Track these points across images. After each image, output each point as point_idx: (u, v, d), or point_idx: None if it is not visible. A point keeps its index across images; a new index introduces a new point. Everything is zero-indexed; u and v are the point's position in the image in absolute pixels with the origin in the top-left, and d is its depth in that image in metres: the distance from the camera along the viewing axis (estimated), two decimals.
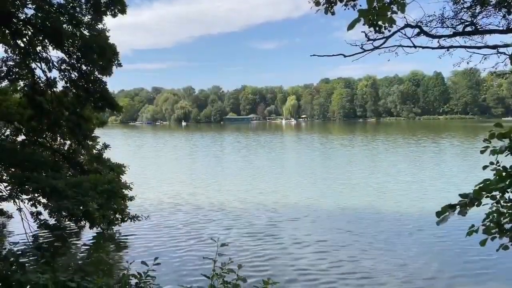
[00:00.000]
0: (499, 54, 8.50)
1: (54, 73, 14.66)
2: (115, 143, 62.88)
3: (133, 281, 4.77)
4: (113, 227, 17.14)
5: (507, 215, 4.33)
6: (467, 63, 8.97)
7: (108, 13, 13.74)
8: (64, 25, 13.22)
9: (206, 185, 30.65)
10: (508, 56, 8.03)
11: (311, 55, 9.09)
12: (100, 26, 13.95)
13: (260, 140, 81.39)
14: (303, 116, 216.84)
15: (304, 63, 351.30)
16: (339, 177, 32.66)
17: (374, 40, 7.83)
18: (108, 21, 14.21)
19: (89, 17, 13.78)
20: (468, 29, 8.53)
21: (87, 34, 13.75)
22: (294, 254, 15.27)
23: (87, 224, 15.54)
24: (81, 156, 17.90)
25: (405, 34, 8.14)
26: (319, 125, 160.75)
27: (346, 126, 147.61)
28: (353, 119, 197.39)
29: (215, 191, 28.09)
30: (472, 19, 8.61)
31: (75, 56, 14.18)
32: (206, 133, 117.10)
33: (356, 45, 8.11)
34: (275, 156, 51.49)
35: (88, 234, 17.52)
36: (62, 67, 14.38)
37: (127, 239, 17.59)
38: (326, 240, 16.71)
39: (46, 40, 13.83)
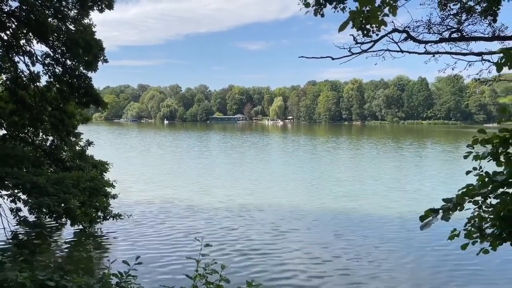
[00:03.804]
0: (483, 61, 8.67)
1: (38, 67, 14.44)
2: (99, 140, 62.13)
3: (114, 280, 4.70)
4: (95, 225, 16.90)
5: (488, 220, 4.40)
6: (452, 69, 9.12)
7: (94, 8, 13.58)
8: (49, 19, 13.01)
9: (192, 185, 30.45)
10: (493, 63, 8.18)
11: (299, 57, 9.18)
12: (86, 21, 13.78)
13: (248, 140, 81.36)
14: (289, 117, 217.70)
15: (291, 64, 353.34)
16: (329, 179, 32.83)
17: (362, 43, 7.92)
18: (95, 16, 14.08)
19: (75, 11, 13.60)
20: (454, 35, 8.68)
21: (73, 28, 13.55)
22: (281, 256, 15.12)
23: (68, 222, 15.28)
24: (64, 153, 17.59)
25: (392, 39, 8.26)
26: (305, 127, 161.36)
27: (332, 128, 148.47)
28: (338, 122, 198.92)
29: (200, 191, 27.92)
30: (458, 26, 8.76)
31: (59, 51, 13.95)
32: (192, 132, 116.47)
33: (344, 48, 8.19)
34: (263, 157, 51.47)
35: (69, 231, 17.25)
36: (46, 62, 14.13)
37: (109, 237, 17.35)
38: (315, 243, 16.62)
39: (30, 34, 13.59)
